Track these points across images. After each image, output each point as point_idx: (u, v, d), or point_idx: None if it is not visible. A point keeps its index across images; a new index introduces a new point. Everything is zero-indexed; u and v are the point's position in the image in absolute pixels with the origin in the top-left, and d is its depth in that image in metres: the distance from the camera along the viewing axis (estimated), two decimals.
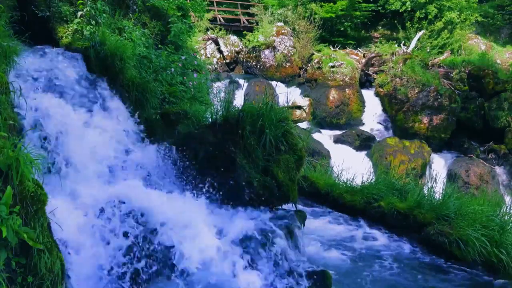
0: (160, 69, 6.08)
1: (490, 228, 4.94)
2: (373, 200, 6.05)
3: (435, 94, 15.19)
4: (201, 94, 6.76)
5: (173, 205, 3.82)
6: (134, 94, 5.12)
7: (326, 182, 6.67)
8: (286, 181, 4.49)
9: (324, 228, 5.49)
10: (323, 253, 4.75)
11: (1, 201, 2.39)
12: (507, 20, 22.06)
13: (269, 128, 4.43)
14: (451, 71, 16.45)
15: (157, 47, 6.69)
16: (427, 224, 5.29)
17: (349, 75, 16.82)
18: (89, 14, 5.51)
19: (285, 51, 18.49)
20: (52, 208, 2.86)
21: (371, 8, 20.41)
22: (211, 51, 18.95)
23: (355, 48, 19.75)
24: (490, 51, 19.58)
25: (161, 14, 7.07)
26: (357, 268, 4.53)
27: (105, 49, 5.04)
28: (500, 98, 14.47)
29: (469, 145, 14.95)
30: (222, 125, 4.61)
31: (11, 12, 4.96)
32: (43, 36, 5.32)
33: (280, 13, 20.02)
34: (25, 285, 2.51)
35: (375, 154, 13.95)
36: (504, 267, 4.63)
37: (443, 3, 19.64)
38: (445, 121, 15.25)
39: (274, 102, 4.95)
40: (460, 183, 12.74)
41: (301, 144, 4.83)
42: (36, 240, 2.55)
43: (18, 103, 3.79)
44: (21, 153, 2.62)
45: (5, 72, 3.81)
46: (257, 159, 4.43)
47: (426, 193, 5.92)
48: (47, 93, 4.35)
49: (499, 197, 8.68)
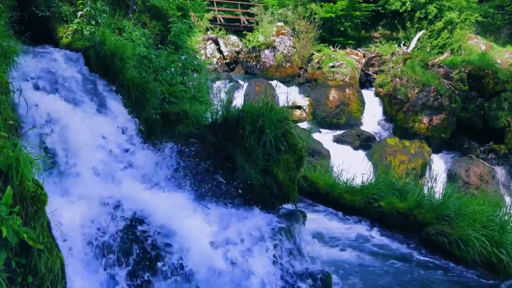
0: (160, 69, 6.07)
1: (490, 228, 4.94)
2: (373, 200, 6.05)
3: (435, 94, 15.19)
4: (201, 94, 6.76)
5: (173, 205, 3.83)
6: (134, 94, 5.11)
7: (326, 182, 6.67)
8: (286, 181, 4.49)
9: (324, 228, 5.49)
10: (323, 252, 4.75)
11: (1, 201, 2.39)
12: (507, 20, 22.05)
13: (269, 128, 4.43)
14: (451, 71, 16.44)
15: (157, 47, 6.68)
16: (427, 224, 5.29)
17: (349, 75, 16.81)
18: (89, 14, 5.51)
19: (285, 51, 18.49)
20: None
21: (371, 8, 20.40)
22: (211, 51, 18.95)
23: (355, 48, 19.75)
24: (490, 51, 19.58)
25: (161, 14, 7.07)
26: (357, 267, 4.53)
27: (105, 49, 5.03)
28: (500, 98, 14.47)
29: (469, 145, 14.95)
30: (222, 125, 4.61)
31: (11, 12, 4.96)
32: (43, 36, 5.32)
33: (280, 13, 20.01)
34: (25, 285, 2.51)
35: (375, 154, 13.95)
36: (504, 267, 4.63)
37: (443, 3, 19.63)
38: (445, 121, 15.25)
39: (274, 102, 4.95)
40: (460, 183, 12.74)
41: (301, 144, 4.83)
42: (36, 240, 2.55)
43: (18, 103, 3.79)
44: (21, 153, 2.62)
45: (5, 72, 3.81)
46: (257, 159, 4.43)
47: (426, 193, 5.92)
48: (47, 93, 4.34)
49: (499, 197, 8.67)
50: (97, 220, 3.43)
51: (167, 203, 3.81)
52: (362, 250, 4.97)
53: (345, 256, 4.74)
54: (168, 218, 3.60)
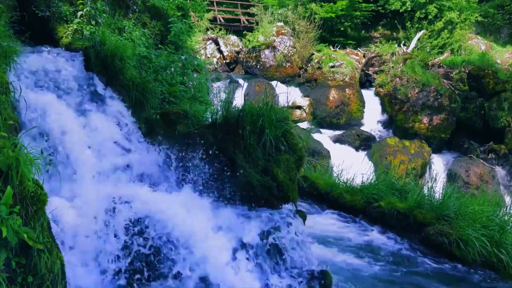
0: (160, 69, 6.07)
1: (490, 228, 4.95)
2: (373, 200, 6.05)
3: (435, 94, 15.20)
4: (201, 94, 6.75)
5: (172, 204, 3.83)
6: (134, 94, 5.11)
7: (326, 182, 6.68)
8: (286, 181, 4.49)
9: (324, 228, 5.49)
10: (323, 252, 4.75)
11: (1, 201, 2.39)
12: (507, 20, 22.03)
13: (269, 128, 4.43)
14: (451, 71, 16.45)
15: (157, 47, 6.68)
16: (427, 224, 5.29)
17: (349, 75, 16.81)
18: (89, 14, 5.51)
19: (285, 51, 18.49)
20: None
21: (371, 8, 20.40)
22: (211, 51, 18.95)
23: (355, 48, 19.75)
24: (490, 51, 19.57)
25: (161, 14, 7.06)
26: (357, 267, 4.53)
27: (105, 49, 5.03)
28: (500, 98, 14.47)
29: (469, 145, 14.95)
30: (222, 125, 4.61)
31: (11, 12, 4.96)
32: (43, 36, 5.32)
33: (280, 13, 20.01)
34: (25, 285, 2.51)
35: (375, 154, 13.95)
36: (504, 267, 4.63)
37: (443, 3, 19.63)
38: (445, 121, 15.26)
39: (274, 102, 4.95)
40: (460, 183, 12.73)
41: (301, 144, 4.83)
42: (36, 240, 2.55)
43: (18, 103, 3.79)
44: (21, 153, 2.62)
45: (5, 72, 3.81)
46: (257, 159, 4.43)
47: (426, 193, 5.92)
48: (46, 93, 4.34)
49: (499, 197, 8.67)
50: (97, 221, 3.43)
51: (167, 203, 3.81)
52: (362, 250, 4.97)
53: (344, 256, 4.74)
54: (168, 217, 3.60)
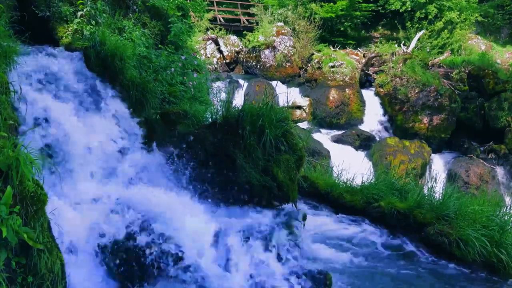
0: (160, 69, 6.07)
1: (490, 228, 4.94)
2: (373, 200, 6.04)
3: (435, 94, 15.19)
4: (201, 94, 6.75)
5: (172, 204, 3.83)
6: (134, 94, 5.11)
7: (326, 182, 6.67)
8: (286, 181, 4.49)
9: (324, 228, 5.48)
10: (323, 252, 4.74)
11: (1, 201, 2.39)
12: (507, 20, 22.04)
13: (269, 128, 4.43)
14: (451, 71, 16.44)
15: (157, 47, 6.68)
16: (427, 224, 5.29)
17: (349, 75, 16.81)
18: (89, 14, 5.51)
19: (285, 51, 18.49)
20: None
21: (371, 8, 20.40)
22: (211, 51, 18.95)
23: (355, 48, 19.75)
24: (490, 51, 19.57)
25: (161, 14, 7.07)
26: (357, 267, 4.53)
27: (105, 49, 5.03)
28: (500, 98, 14.47)
29: (469, 145, 14.95)
30: (222, 125, 4.61)
31: (11, 12, 4.96)
32: (43, 36, 5.32)
33: (280, 13, 20.01)
34: (25, 285, 2.51)
35: (375, 154, 13.95)
36: (504, 267, 4.63)
37: (443, 3, 19.63)
38: (445, 121, 15.26)
39: (274, 102, 4.95)
40: (460, 183, 12.72)
41: (301, 144, 4.84)
42: (36, 240, 2.55)
43: (18, 103, 3.79)
44: (21, 153, 2.62)
45: (5, 72, 3.81)
46: (257, 159, 4.43)
47: (426, 193, 5.91)
48: (46, 93, 4.34)
49: (499, 197, 8.67)
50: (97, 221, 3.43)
51: (167, 203, 3.81)
52: (362, 250, 4.97)
53: (344, 256, 4.73)
54: (170, 217, 3.60)
